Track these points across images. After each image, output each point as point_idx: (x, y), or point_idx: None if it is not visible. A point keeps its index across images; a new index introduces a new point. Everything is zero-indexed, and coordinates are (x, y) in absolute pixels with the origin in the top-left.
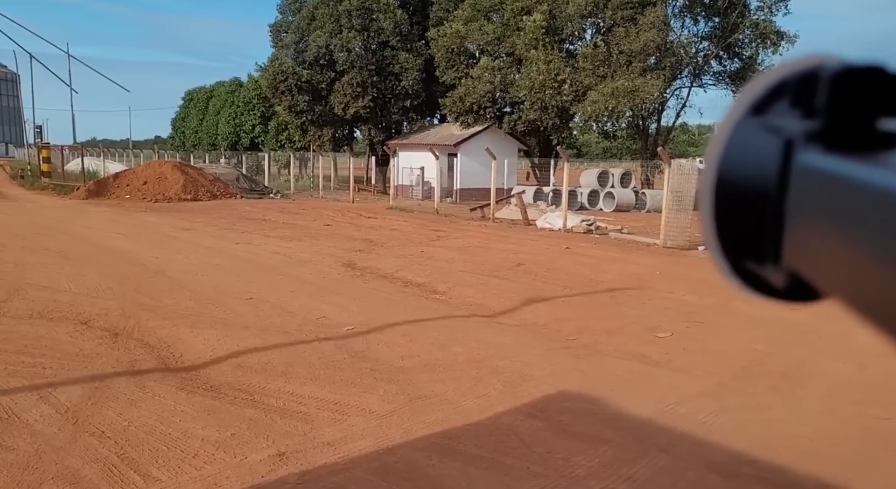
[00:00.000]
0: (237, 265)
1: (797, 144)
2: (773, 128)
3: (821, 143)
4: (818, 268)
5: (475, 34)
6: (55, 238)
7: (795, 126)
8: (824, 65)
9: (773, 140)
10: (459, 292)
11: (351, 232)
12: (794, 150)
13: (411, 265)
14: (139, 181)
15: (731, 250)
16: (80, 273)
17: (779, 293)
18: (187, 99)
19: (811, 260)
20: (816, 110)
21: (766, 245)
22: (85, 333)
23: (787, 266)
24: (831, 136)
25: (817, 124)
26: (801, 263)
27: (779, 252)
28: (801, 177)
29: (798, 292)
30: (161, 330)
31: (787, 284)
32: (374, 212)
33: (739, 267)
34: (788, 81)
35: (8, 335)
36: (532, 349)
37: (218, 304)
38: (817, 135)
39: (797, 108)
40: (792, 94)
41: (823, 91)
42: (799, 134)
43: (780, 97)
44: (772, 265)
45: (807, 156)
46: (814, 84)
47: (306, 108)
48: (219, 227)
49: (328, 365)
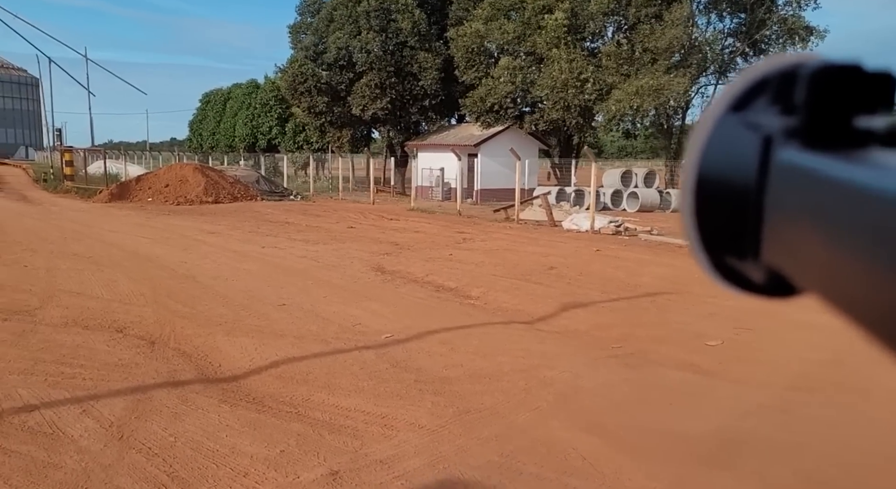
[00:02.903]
0: (266, 270)
1: (776, 141)
2: (752, 124)
3: (799, 140)
4: (796, 264)
5: (495, 33)
6: (83, 242)
7: (774, 123)
8: (804, 63)
9: (753, 137)
10: (494, 297)
11: (375, 234)
12: (773, 147)
13: (441, 269)
14: (161, 184)
15: (712, 246)
16: (112, 279)
17: (758, 288)
18: (204, 101)
19: (789, 256)
20: (795, 107)
21: (745, 241)
22: (121, 342)
23: (765, 262)
24: (809, 133)
25: (796, 121)
26: (780, 259)
27: (758, 248)
28: (780, 173)
29: (776, 288)
30: (197, 338)
31: (765, 280)
32: (396, 213)
33: (719, 262)
34: (768, 79)
35: (45, 344)
36: (578, 358)
37: (251, 311)
38: (796, 132)
39: (776, 105)
40: (772, 91)
41: (802, 89)
42: (778, 131)
43: (761, 94)
44: (751, 261)
45: (785, 152)
46: (793, 82)
47: (325, 109)
48: (243, 230)
49: (371, 375)
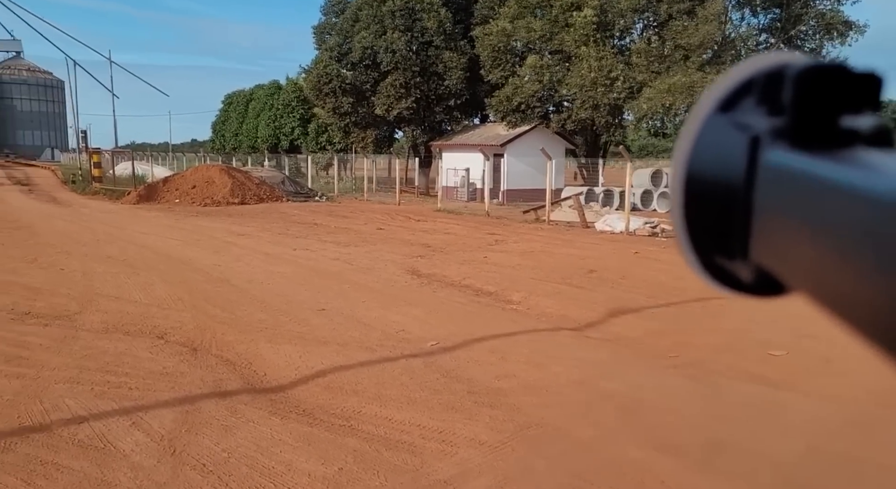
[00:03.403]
0: (300, 273)
1: (763, 141)
2: (740, 125)
3: (786, 141)
4: (783, 264)
5: (522, 32)
6: (115, 245)
7: (761, 123)
8: (790, 63)
9: (741, 137)
10: (536, 302)
11: (405, 236)
12: (761, 147)
13: (477, 272)
14: (188, 185)
15: (701, 245)
16: (148, 282)
17: (746, 288)
18: (227, 102)
19: (777, 255)
20: (782, 108)
21: (733, 240)
22: (164, 349)
23: (754, 261)
24: (796, 133)
25: (783, 122)
26: (768, 258)
27: (746, 247)
28: (767, 173)
29: (765, 287)
30: (239, 345)
31: (754, 279)
32: (423, 214)
33: (709, 261)
34: (755, 79)
35: (89, 352)
36: (635, 368)
37: (290, 316)
38: (783, 132)
39: (764, 105)
40: (758, 91)
41: (789, 89)
42: (765, 131)
43: (748, 95)
44: (739, 260)
45: (772, 153)
46: (779, 82)
47: (350, 109)
48: (272, 231)
49: (422, 386)
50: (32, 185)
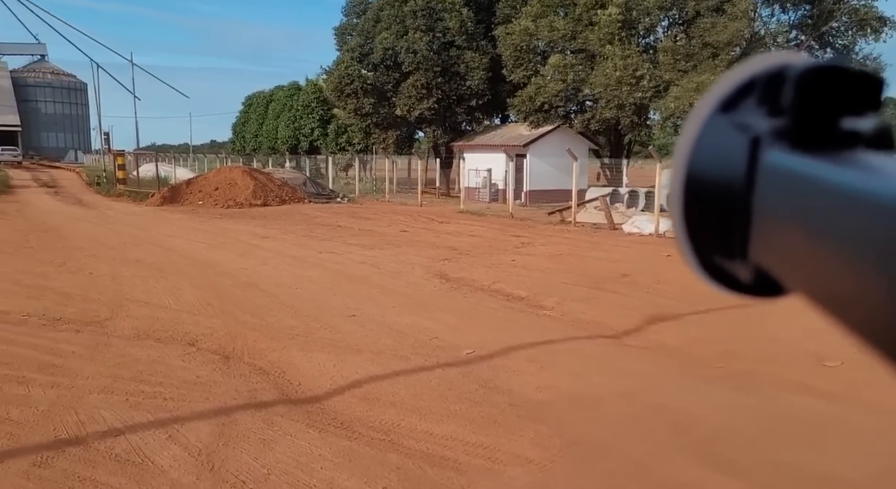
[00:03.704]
0: (327, 277)
1: (764, 142)
2: (740, 126)
3: (787, 142)
4: (783, 264)
5: (544, 31)
6: (142, 248)
7: (762, 124)
8: (791, 64)
9: (741, 138)
10: (569, 308)
11: (430, 238)
12: (761, 148)
13: (507, 276)
14: (210, 187)
15: (700, 246)
16: (176, 287)
17: (745, 288)
18: (247, 104)
19: (776, 256)
20: (782, 109)
21: (733, 241)
22: (196, 357)
23: (753, 262)
24: (796, 134)
25: (783, 123)
26: (767, 259)
27: (745, 248)
28: (767, 174)
29: (764, 287)
30: (271, 353)
31: (753, 280)
32: (446, 216)
33: (708, 262)
34: (756, 79)
35: (121, 359)
36: (681, 380)
37: (321, 322)
38: (783, 133)
39: (764, 106)
40: (759, 92)
41: (789, 90)
42: (765, 132)
43: (748, 95)
44: (739, 261)
45: (772, 154)
46: (780, 83)
47: (371, 110)
48: (296, 234)
49: (461, 397)
50: (58, 187)
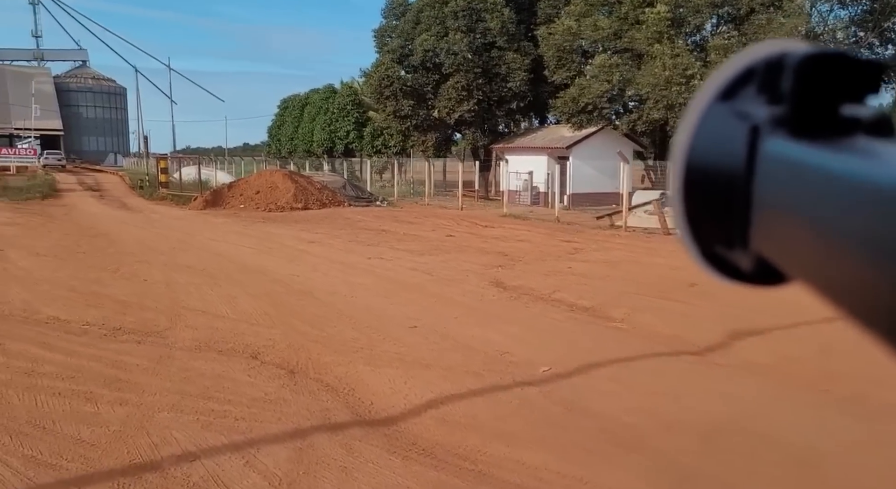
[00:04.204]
0: (381, 284)
1: (763, 130)
2: (740, 114)
3: (786, 129)
4: (783, 253)
5: (588, 30)
6: (191, 253)
7: (762, 112)
8: (790, 51)
9: (740, 126)
10: (640, 320)
11: (478, 244)
12: (761, 136)
13: (566, 284)
14: (252, 190)
15: (701, 235)
16: (230, 294)
17: (746, 277)
18: (282, 107)
19: (777, 245)
20: (782, 97)
21: (733, 230)
22: (260, 371)
23: (754, 250)
24: (796, 122)
25: (783, 110)
26: (767, 248)
27: (746, 237)
28: (767, 162)
29: (765, 276)
30: (337, 367)
31: (754, 268)
32: (489, 220)
33: (709, 251)
34: (755, 68)
35: (186, 373)
36: (790, 404)
37: (382, 334)
38: (783, 121)
39: (764, 94)
40: (758, 80)
41: (788, 77)
42: (765, 120)
43: (748, 83)
44: (740, 250)
45: (772, 142)
46: (780, 71)
47: (410, 112)
48: (342, 239)
49: (546, 421)
50: (102, 190)
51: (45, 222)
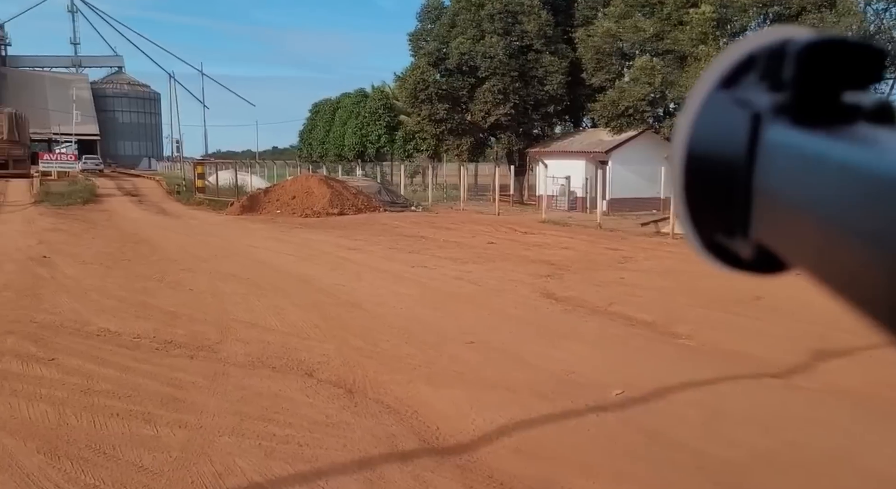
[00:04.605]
0: (428, 295)
1: (765, 118)
2: (741, 101)
3: (788, 117)
4: (784, 241)
5: (629, 32)
6: (233, 260)
7: (763, 100)
8: (792, 38)
9: (742, 114)
10: (708, 336)
11: (520, 251)
12: (762, 124)
13: (621, 296)
14: (287, 196)
15: (702, 224)
16: (278, 306)
17: (747, 265)
18: (314, 111)
19: (778, 233)
20: (783, 84)
21: (734, 218)
22: (317, 390)
23: (754, 238)
24: (798, 109)
25: (784, 98)
26: (768, 236)
27: (747, 225)
28: (768, 150)
29: (765, 264)
30: (396, 387)
31: (754, 257)
32: (528, 226)
33: (709, 240)
34: (757, 55)
35: (243, 393)
36: (893, 435)
37: (439, 350)
38: (784, 108)
39: (765, 81)
40: (760, 67)
41: (790, 65)
42: (766, 108)
43: (750, 71)
44: (740, 238)
45: (773, 129)
46: (781, 58)
47: (445, 116)
48: (382, 245)
49: (629, 452)
50: (141, 195)
51: (88, 228)
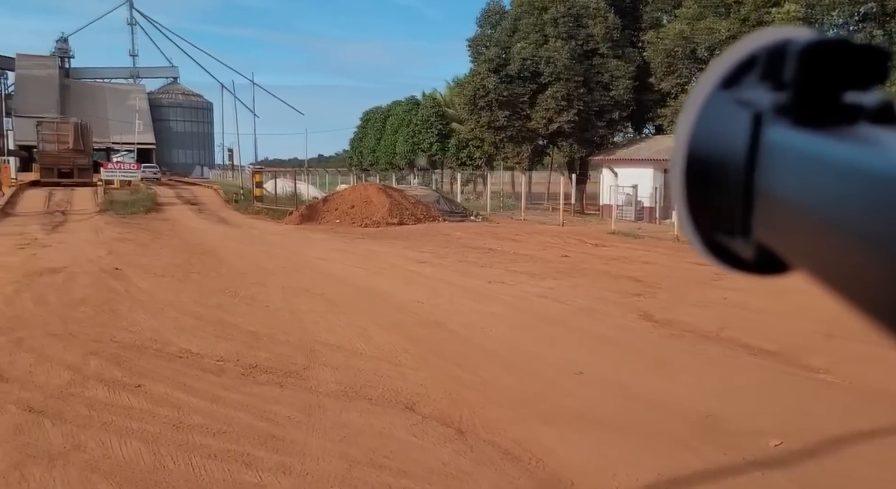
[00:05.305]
0: (515, 315)
1: (766, 118)
2: (742, 101)
3: (789, 117)
4: (786, 241)
5: (703, 34)
6: (302, 273)
7: (764, 100)
8: (794, 38)
9: (743, 114)
10: (853, 372)
11: (598, 266)
12: (763, 124)
13: (731, 319)
14: (346, 205)
15: (703, 224)
16: (359, 325)
17: (748, 266)
18: (364, 119)
19: (779, 233)
20: (785, 84)
21: (735, 218)
22: (425, 430)
23: (756, 239)
24: (799, 109)
25: (785, 98)
26: (769, 236)
27: (748, 225)
28: (769, 150)
29: (767, 265)
30: (510, 427)
31: (756, 257)
32: (597, 237)
33: (710, 240)
34: (758, 55)
35: (344, 431)
36: None
37: (545, 381)
38: (785, 108)
39: (766, 81)
40: (761, 67)
41: (791, 65)
42: (767, 108)
43: (751, 71)
44: (741, 239)
45: (774, 130)
46: (783, 58)
47: (506, 123)
48: (450, 258)
49: None
50: (199, 204)
51: (153, 238)
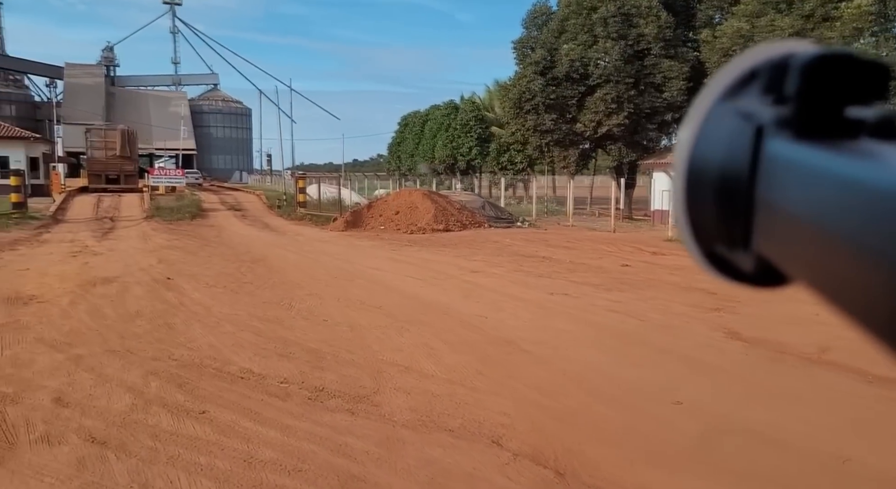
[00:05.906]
0: (588, 332)
1: (767, 131)
2: (744, 114)
3: (791, 130)
4: (785, 254)
5: (765, 31)
6: (355, 284)
7: (766, 113)
8: (796, 51)
9: (745, 126)
10: None
11: (664, 276)
12: (765, 137)
13: (830, 339)
14: (391, 211)
15: (703, 235)
16: (425, 343)
17: (747, 278)
18: (402, 124)
19: (779, 246)
20: (787, 97)
21: (735, 230)
22: (519, 470)
23: (756, 252)
24: (801, 123)
25: (787, 111)
26: (769, 249)
27: (748, 237)
28: (770, 163)
29: (766, 277)
30: (614, 469)
31: (755, 270)
32: (654, 245)
33: (710, 252)
34: (760, 68)
35: (430, 472)
36: None
37: (641, 412)
38: (787, 122)
39: (768, 94)
40: (763, 80)
41: (794, 78)
42: (769, 121)
43: (753, 83)
44: (741, 251)
45: (776, 143)
46: (785, 71)
47: (552, 126)
48: (504, 268)
49: None
50: (243, 210)
51: (201, 245)
